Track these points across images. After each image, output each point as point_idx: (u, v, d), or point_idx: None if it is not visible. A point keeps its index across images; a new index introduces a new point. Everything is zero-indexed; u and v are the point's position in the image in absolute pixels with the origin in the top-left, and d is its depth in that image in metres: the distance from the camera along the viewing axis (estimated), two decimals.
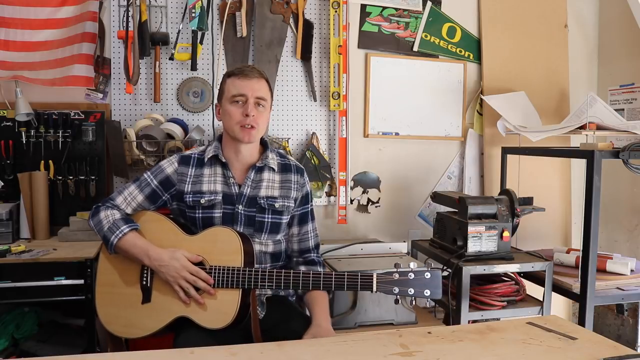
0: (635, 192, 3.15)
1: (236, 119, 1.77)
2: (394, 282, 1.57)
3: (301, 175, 1.93)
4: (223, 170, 1.84)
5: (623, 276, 2.39)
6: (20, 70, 2.51)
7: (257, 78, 1.80)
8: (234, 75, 1.81)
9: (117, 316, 1.74)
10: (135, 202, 1.82)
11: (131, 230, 1.74)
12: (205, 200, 1.79)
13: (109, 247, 1.74)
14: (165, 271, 1.68)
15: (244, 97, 1.77)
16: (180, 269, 1.67)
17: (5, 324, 2.34)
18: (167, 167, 1.83)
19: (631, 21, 2.98)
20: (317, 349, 1.38)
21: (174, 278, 1.67)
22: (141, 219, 1.81)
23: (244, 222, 1.81)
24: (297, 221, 1.93)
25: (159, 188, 1.83)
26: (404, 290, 1.57)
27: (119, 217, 1.76)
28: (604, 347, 1.38)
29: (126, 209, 1.81)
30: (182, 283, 1.67)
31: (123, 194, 1.82)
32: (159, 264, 1.68)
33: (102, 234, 1.76)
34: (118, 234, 1.72)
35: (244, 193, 1.82)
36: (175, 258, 1.68)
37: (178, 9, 2.73)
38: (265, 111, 1.82)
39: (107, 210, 1.78)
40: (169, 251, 1.70)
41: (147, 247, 1.72)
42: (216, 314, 1.65)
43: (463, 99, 3.15)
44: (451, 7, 3.12)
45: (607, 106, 2.61)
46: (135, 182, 1.85)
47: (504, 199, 2.41)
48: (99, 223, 1.77)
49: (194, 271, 1.67)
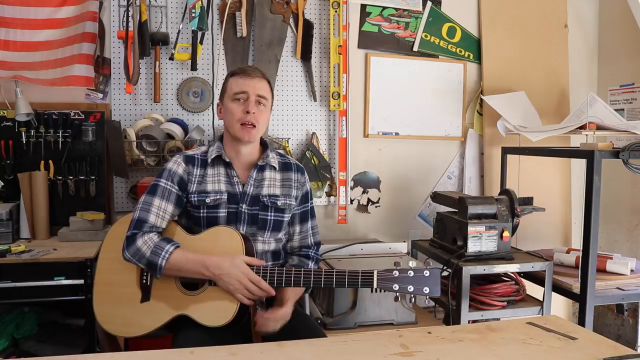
0: (635, 192, 3.15)
1: (237, 116, 1.78)
2: (394, 280, 1.59)
3: (302, 174, 1.94)
4: (226, 169, 1.84)
5: (623, 276, 2.39)
6: (20, 70, 2.51)
7: (259, 77, 1.82)
8: (236, 74, 1.83)
9: (114, 315, 1.73)
10: (168, 214, 1.77)
11: (175, 247, 1.68)
12: (211, 199, 1.79)
13: (157, 270, 1.66)
14: (227, 280, 1.63)
15: (245, 95, 1.79)
16: (242, 278, 1.63)
17: (5, 324, 2.34)
18: (177, 169, 1.81)
19: (631, 21, 2.98)
20: (317, 349, 1.38)
21: (234, 287, 1.63)
22: None
23: (248, 220, 1.82)
24: (299, 219, 1.94)
25: (179, 191, 1.79)
26: (404, 287, 1.58)
27: (158, 240, 1.70)
28: (604, 347, 1.38)
29: (162, 225, 1.75)
30: (244, 293, 1.64)
31: (152, 211, 1.74)
32: (219, 273, 1.63)
33: (144, 260, 1.68)
34: (165, 255, 1.66)
35: (247, 192, 1.83)
36: (235, 265, 1.64)
37: (178, 9, 2.73)
38: (266, 110, 1.84)
39: (144, 236, 1.70)
40: (228, 258, 1.65)
41: (202, 258, 1.67)
42: (216, 311, 1.66)
43: (463, 99, 3.15)
44: (451, 7, 3.12)
45: (607, 106, 2.61)
46: (154, 194, 1.77)
47: (504, 199, 2.41)
48: (137, 252, 1.68)
49: (255, 281, 1.64)
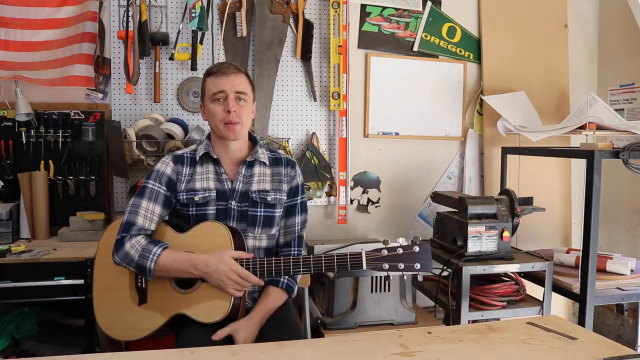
0: (635, 192, 3.15)
1: (219, 117, 1.77)
2: (383, 259, 1.57)
3: (292, 168, 1.92)
4: (215, 167, 1.84)
5: (623, 276, 2.39)
6: (20, 70, 2.52)
7: (235, 73, 1.79)
8: (212, 74, 1.80)
9: (116, 320, 1.74)
10: (156, 215, 1.76)
11: (163, 249, 1.68)
12: (199, 197, 1.78)
13: (146, 273, 1.67)
14: (216, 277, 1.64)
15: (223, 94, 1.77)
16: (231, 274, 1.63)
17: (5, 324, 2.34)
18: (165, 169, 1.80)
19: (631, 21, 2.98)
20: (317, 349, 1.38)
21: (224, 284, 1.64)
22: None
23: (237, 217, 1.81)
24: (284, 213, 1.90)
25: (168, 192, 1.79)
26: (394, 265, 1.57)
27: (145, 242, 1.70)
28: (604, 347, 1.38)
29: (150, 226, 1.75)
30: (234, 286, 1.65)
31: (139, 214, 1.73)
32: (208, 271, 1.64)
33: (134, 264, 1.68)
34: (152, 258, 1.66)
35: (236, 188, 1.82)
36: (222, 262, 1.64)
37: (178, 9, 2.73)
38: (247, 105, 1.82)
39: (131, 240, 1.70)
40: (215, 255, 1.65)
41: (190, 257, 1.67)
42: (211, 308, 1.67)
43: (463, 99, 3.15)
44: (451, 7, 3.12)
45: (607, 106, 2.61)
46: (142, 196, 1.76)
47: (504, 199, 2.41)
48: (126, 255, 1.69)
49: (244, 276, 1.64)
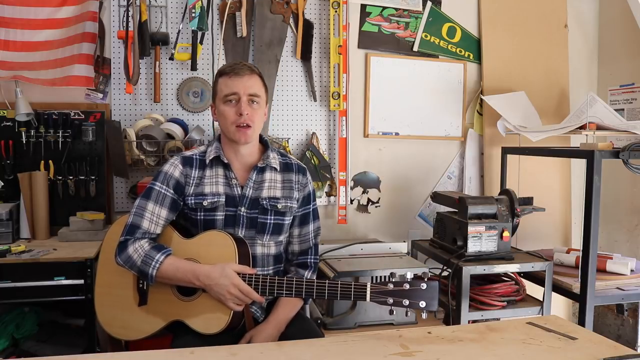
0: (635, 192, 3.15)
1: (230, 119, 1.73)
2: (388, 293, 1.52)
3: (303, 175, 1.88)
4: (225, 171, 1.79)
5: (623, 276, 2.39)
6: (20, 70, 2.51)
7: (249, 75, 1.74)
8: (225, 75, 1.75)
9: (115, 318, 1.73)
10: (162, 219, 1.72)
11: (166, 256, 1.65)
12: (208, 202, 1.74)
13: (148, 279, 1.65)
14: (217, 290, 1.61)
15: (236, 96, 1.72)
16: (232, 288, 1.60)
17: (5, 324, 2.34)
18: (174, 171, 1.75)
19: (631, 21, 2.98)
20: (317, 349, 1.38)
21: (224, 298, 1.61)
22: None
23: (246, 224, 1.77)
24: (298, 222, 1.88)
25: (175, 195, 1.74)
26: (399, 301, 1.51)
27: (148, 248, 1.66)
28: (604, 347, 1.38)
29: (155, 230, 1.71)
30: (234, 301, 1.62)
31: (145, 217, 1.70)
32: (209, 283, 1.61)
33: (136, 269, 1.66)
34: (155, 265, 1.63)
35: (247, 194, 1.78)
36: (224, 275, 1.60)
37: (178, 9, 2.73)
38: (260, 108, 1.77)
39: (135, 243, 1.67)
40: (218, 268, 1.62)
41: (192, 267, 1.64)
42: (210, 319, 1.64)
43: (463, 99, 3.15)
44: (451, 7, 3.12)
45: (607, 106, 2.61)
46: (149, 198, 1.72)
47: (504, 199, 2.41)
48: (129, 259, 1.66)
49: (245, 291, 1.61)
